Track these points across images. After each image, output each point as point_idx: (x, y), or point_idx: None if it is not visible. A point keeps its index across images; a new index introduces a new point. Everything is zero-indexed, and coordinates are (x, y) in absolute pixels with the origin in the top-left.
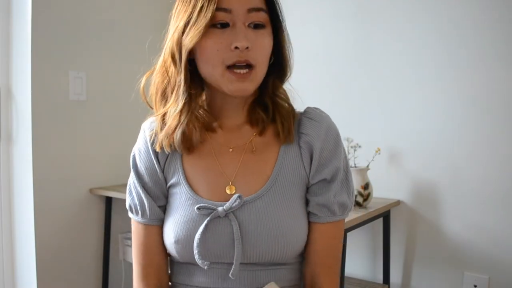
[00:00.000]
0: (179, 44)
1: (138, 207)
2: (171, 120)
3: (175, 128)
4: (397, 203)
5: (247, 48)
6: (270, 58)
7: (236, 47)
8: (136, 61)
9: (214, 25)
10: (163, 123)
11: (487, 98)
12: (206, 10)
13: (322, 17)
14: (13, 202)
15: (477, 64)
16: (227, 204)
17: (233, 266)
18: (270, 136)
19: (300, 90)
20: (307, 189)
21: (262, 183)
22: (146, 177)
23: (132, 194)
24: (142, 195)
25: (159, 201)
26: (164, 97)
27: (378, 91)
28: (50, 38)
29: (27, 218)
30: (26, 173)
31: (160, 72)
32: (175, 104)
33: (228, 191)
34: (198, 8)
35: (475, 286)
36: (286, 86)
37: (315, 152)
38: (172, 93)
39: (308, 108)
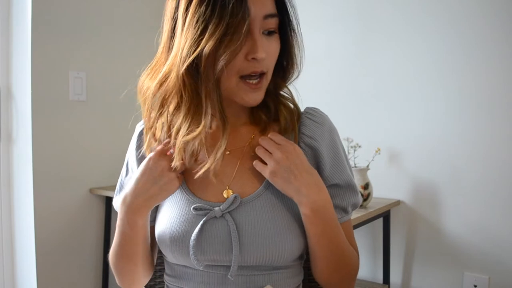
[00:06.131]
0: (210, 59)
1: None
2: (196, 140)
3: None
4: (397, 203)
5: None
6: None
7: (254, 58)
8: (136, 61)
9: None
10: (168, 136)
11: (487, 98)
12: (241, 19)
13: (323, 19)
14: (13, 202)
15: (477, 64)
16: (224, 205)
17: (231, 267)
18: None
19: (301, 91)
20: None
21: (259, 184)
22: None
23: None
24: None
25: None
26: (162, 107)
27: (378, 92)
28: (50, 38)
29: (27, 218)
30: (26, 173)
31: (175, 85)
32: (196, 124)
33: (225, 195)
34: (234, 18)
35: (475, 286)
36: (290, 87)
37: (323, 157)
38: (188, 109)
39: (307, 108)
